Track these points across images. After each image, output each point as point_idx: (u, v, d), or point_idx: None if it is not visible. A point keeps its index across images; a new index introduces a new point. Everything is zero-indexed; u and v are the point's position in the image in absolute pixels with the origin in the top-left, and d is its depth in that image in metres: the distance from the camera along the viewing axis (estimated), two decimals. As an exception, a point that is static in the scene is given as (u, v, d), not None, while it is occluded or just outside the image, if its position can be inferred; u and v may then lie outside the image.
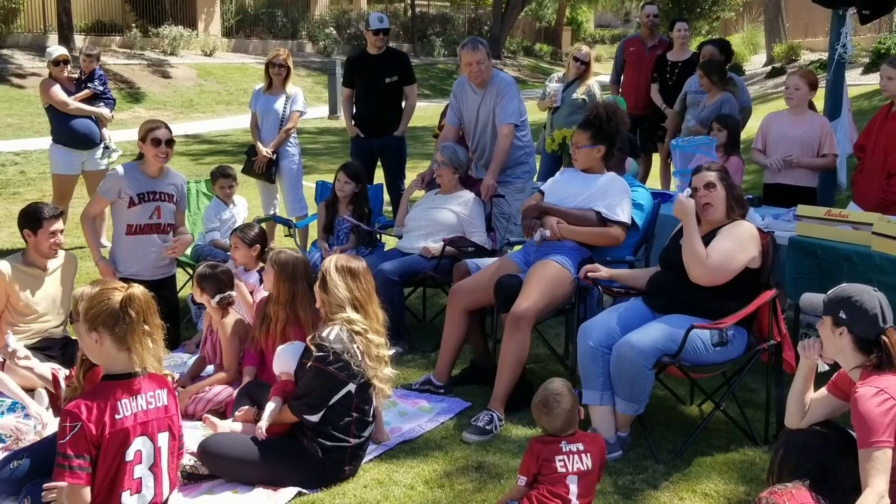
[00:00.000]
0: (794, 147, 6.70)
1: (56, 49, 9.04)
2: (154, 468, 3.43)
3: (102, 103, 9.15)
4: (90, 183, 8.61)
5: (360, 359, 4.20)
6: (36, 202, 5.55)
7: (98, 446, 3.27)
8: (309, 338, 4.27)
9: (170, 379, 3.69)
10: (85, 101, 8.86)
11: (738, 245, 4.54)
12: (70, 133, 8.70)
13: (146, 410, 3.40)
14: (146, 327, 3.40)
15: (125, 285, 3.47)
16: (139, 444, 3.37)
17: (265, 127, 8.22)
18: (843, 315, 3.39)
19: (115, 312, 3.35)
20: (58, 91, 8.63)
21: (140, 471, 3.38)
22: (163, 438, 3.46)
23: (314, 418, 4.18)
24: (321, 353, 4.13)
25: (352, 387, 4.19)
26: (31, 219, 5.33)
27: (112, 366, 3.41)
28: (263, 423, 4.30)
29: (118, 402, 3.32)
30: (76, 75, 9.01)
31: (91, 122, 8.83)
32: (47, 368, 4.78)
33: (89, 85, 9.10)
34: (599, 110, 5.33)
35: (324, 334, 4.19)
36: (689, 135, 7.67)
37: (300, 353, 4.35)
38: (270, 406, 4.36)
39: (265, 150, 8.04)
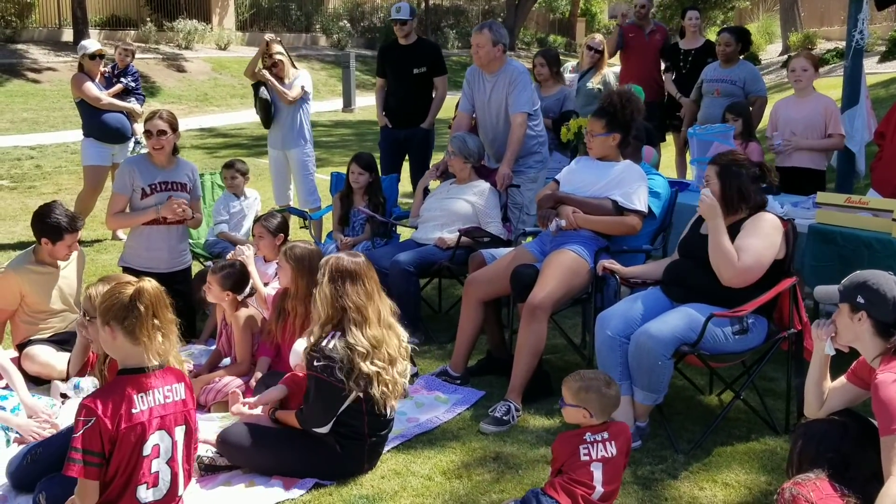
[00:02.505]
0: (798, 129, 6.73)
1: (92, 43, 9.08)
2: (171, 462, 3.42)
3: (133, 98, 9.20)
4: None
5: (360, 370, 4.08)
6: (53, 207, 5.38)
7: (114, 441, 3.26)
8: (308, 348, 4.18)
9: (186, 368, 3.68)
10: (116, 95, 8.90)
11: (766, 241, 4.45)
12: (102, 127, 8.74)
13: (164, 405, 3.39)
14: (156, 321, 3.38)
15: (137, 280, 3.47)
16: (157, 438, 3.36)
17: (278, 117, 8.21)
18: (860, 300, 3.36)
19: (125, 306, 3.35)
20: (91, 86, 8.67)
21: (157, 465, 3.38)
22: (180, 432, 3.45)
23: (323, 430, 4.13)
24: (320, 364, 4.05)
25: (358, 392, 4.10)
26: (53, 230, 5.26)
27: (127, 360, 3.40)
28: (255, 401, 4.38)
29: (134, 397, 3.31)
30: (106, 69, 9.06)
31: (124, 116, 8.87)
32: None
33: (122, 80, 9.15)
34: (614, 98, 5.29)
35: (322, 344, 4.08)
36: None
37: None
38: (274, 390, 4.39)
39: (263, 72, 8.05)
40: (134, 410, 3.30)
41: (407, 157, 8.51)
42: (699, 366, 4.78)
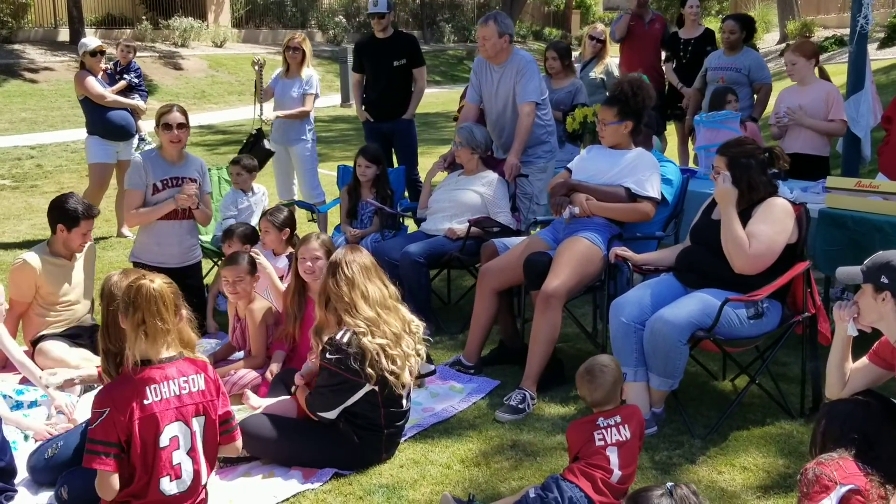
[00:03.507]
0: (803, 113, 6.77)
1: (92, 40, 9.06)
2: (192, 453, 3.43)
3: (137, 95, 9.19)
4: (122, 173, 8.64)
5: (377, 360, 4.09)
6: (70, 195, 5.50)
7: (128, 432, 3.27)
8: (325, 340, 4.21)
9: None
10: (119, 92, 8.89)
11: (777, 227, 4.45)
12: (107, 125, 8.72)
13: (179, 396, 3.40)
14: (144, 322, 3.38)
15: (144, 274, 3.50)
16: (174, 429, 3.37)
17: (282, 111, 8.22)
18: (884, 280, 3.35)
19: (127, 300, 3.41)
20: (94, 83, 8.64)
21: (178, 456, 3.39)
22: (198, 423, 3.45)
23: (330, 415, 4.15)
24: (334, 356, 4.07)
25: (371, 386, 4.12)
26: (69, 216, 5.33)
27: (142, 352, 3.42)
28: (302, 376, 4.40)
29: (146, 388, 3.33)
30: (108, 66, 9.06)
31: (127, 113, 8.86)
32: (91, 367, 4.77)
33: (125, 77, 9.14)
34: (625, 86, 5.29)
35: (337, 337, 4.11)
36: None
37: None
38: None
39: (273, 114, 8.15)
40: (146, 402, 3.32)
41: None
42: (714, 351, 4.79)
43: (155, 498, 3.36)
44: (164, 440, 3.36)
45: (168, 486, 3.39)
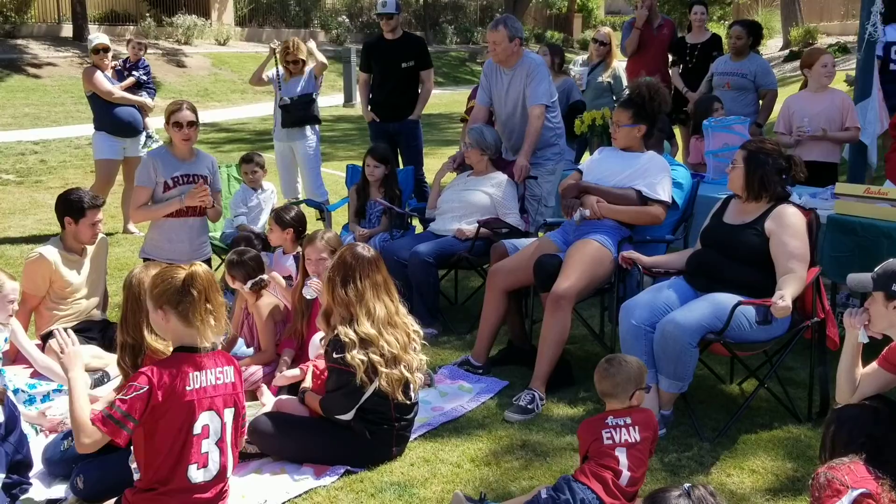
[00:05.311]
0: (821, 122, 6.80)
1: (97, 37, 9.10)
2: (220, 443, 3.46)
3: (144, 92, 9.21)
4: (129, 169, 8.66)
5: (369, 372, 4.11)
6: (75, 189, 5.56)
7: (158, 414, 3.29)
8: (328, 339, 4.24)
9: None
10: (127, 89, 8.92)
11: (803, 238, 4.53)
12: (114, 121, 8.76)
13: (215, 386, 3.43)
14: (208, 305, 3.42)
15: (189, 265, 3.51)
16: (206, 418, 3.40)
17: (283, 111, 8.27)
18: (895, 288, 3.38)
19: (179, 290, 3.40)
20: (102, 80, 8.68)
21: (207, 445, 3.41)
22: (229, 414, 3.50)
23: (346, 417, 4.17)
24: (340, 356, 4.10)
25: (379, 382, 4.14)
26: (74, 207, 5.35)
27: (180, 340, 3.46)
28: (280, 381, 4.66)
29: (189, 375, 3.36)
30: (118, 63, 9.10)
31: (135, 110, 8.88)
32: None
33: (134, 73, 9.16)
34: (642, 90, 5.31)
35: (339, 337, 4.13)
36: None
37: None
38: (293, 372, 4.70)
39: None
40: (187, 388, 3.35)
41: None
42: (724, 354, 4.81)
43: (181, 485, 3.38)
44: (197, 428, 3.39)
45: (195, 474, 3.41)
